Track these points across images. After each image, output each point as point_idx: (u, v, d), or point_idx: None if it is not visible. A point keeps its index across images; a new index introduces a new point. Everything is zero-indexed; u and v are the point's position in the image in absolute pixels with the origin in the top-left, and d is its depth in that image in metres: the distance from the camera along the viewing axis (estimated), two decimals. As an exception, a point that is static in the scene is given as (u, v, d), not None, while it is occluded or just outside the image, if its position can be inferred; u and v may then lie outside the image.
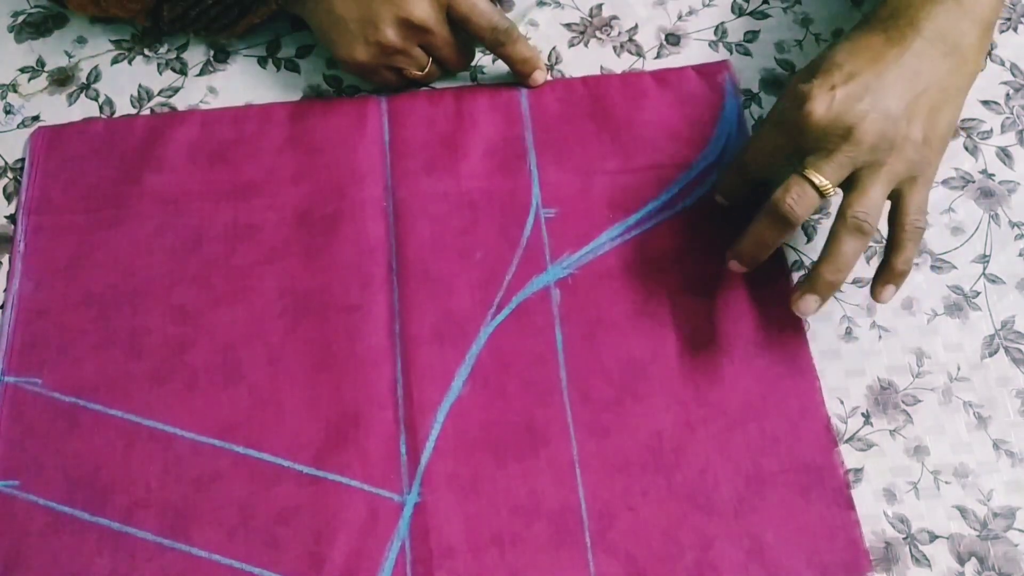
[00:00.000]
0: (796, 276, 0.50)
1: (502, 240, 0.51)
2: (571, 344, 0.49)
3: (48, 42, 0.58)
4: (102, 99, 0.56)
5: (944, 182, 0.53)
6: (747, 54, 0.57)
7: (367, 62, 0.53)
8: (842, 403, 0.48)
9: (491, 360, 0.48)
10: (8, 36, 0.59)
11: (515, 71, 0.55)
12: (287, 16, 0.57)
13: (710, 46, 0.58)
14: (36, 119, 0.56)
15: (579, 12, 0.59)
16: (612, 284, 0.50)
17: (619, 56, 0.57)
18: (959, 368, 0.49)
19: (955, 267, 0.51)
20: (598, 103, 0.55)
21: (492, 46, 0.54)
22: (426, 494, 0.46)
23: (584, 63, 0.57)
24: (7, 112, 0.56)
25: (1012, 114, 0.55)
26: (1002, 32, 0.58)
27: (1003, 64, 0.57)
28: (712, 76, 0.56)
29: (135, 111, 0.56)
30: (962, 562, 0.45)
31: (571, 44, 0.58)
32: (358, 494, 0.46)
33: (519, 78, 0.56)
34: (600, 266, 0.51)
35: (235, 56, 0.58)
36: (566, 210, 0.52)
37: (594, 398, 0.48)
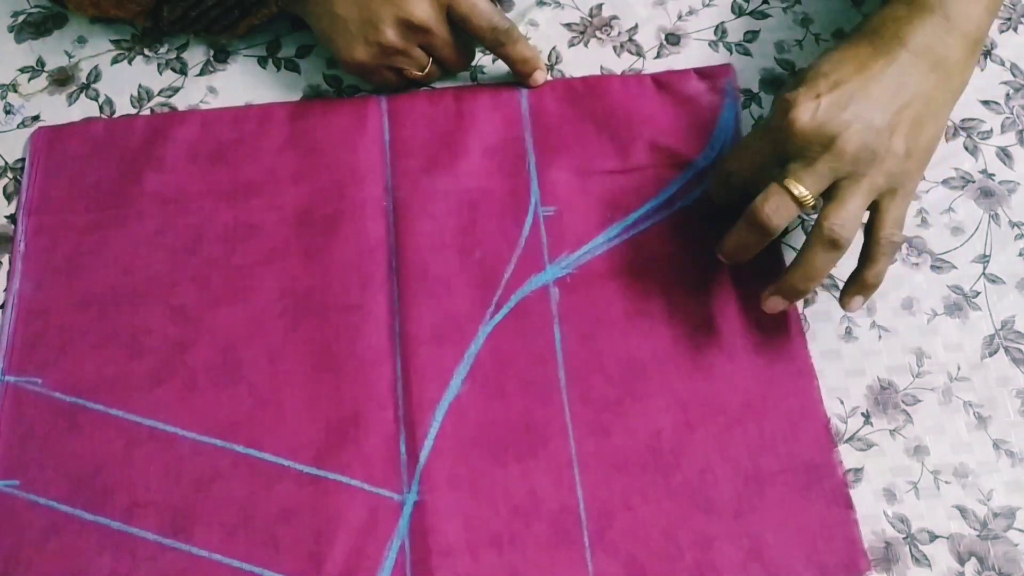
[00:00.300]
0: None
1: (501, 239, 0.51)
2: (570, 343, 0.49)
3: (48, 42, 0.58)
4: (102, 99, 0.56)
5: (944, 182, 0.53)
6: (747, 54, 0.57)
7: (367, 62, 0.53)
8: (842, 403, 0.48)
9: (490, 359, 0.48)
10: (8, 36, 0.59)
11: (515, 71, 0.55)
12: (287, 16, 0.57)
13: (710, 46, 0.58)
14: (36, 119, 0.56)
15: (579, 12, 0.59)
16: (611, 283, 0.50)
17: (619, 56, 0.57)
18: (959, 368, 0.49)
19: (955, 267, 0.51)
20: (598, 103, 0.55)
21: (492, 46, 0.54)
22: (425, 493, 0.46)
23: (584, 63, 0.57)
24: (7, 112, 0.56)
25: (1012, 114, 0.55)
26: (1002, 32, 0.58)
27: (1003, 64, 0.57)
28: (713, 79, 0.56)
29: (135, 111, 0.56)
30: (962, 562, 0.45)
31: (571, 44, 0.58)
32: (358, 494, 0.46)
33: (519, 78, 0.56)
34: (599, 265, 0.51)
35: (235, 56, 0.58)
36: (565, 209, 0.52)
37: (593, 397, 0.48)
